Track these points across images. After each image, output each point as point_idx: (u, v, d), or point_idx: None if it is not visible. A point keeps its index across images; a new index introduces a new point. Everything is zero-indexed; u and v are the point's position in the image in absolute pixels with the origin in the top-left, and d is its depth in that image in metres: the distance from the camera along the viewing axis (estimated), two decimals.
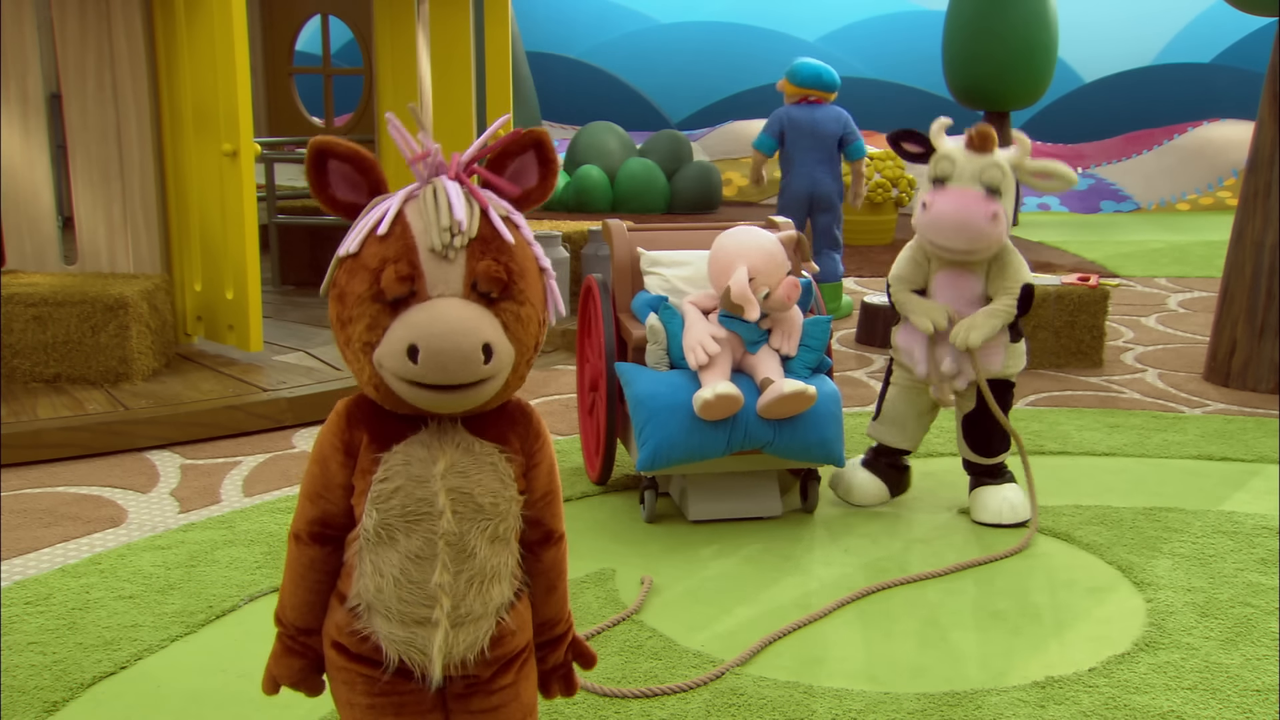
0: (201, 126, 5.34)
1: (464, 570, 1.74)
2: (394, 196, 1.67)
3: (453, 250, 1.62)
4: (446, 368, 1.58)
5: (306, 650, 1.87)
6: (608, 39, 14.87)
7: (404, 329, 1.59)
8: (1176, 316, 7.36)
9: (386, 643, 1.77)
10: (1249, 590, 3.30)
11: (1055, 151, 13.73)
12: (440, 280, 1.62)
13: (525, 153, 1.73)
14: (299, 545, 1.81)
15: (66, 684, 2.76)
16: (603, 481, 4.10)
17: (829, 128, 6.58)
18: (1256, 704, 2.69)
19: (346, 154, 1.68)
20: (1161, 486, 4.18)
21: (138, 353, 5.03)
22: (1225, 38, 13.68)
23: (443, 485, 1.71)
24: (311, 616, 1.84)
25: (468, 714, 1.88)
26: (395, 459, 1.72)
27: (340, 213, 1.71)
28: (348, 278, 1.66)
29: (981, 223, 3.56)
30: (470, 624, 1.78)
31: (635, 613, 3.15)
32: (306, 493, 1.80)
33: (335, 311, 1.69)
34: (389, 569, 1.73)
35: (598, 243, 6.56)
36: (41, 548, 3.61)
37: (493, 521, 1.75)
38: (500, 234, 1.66)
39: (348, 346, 1.68)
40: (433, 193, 1.65)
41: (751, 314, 3.51)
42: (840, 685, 2.78)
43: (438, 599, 1.74)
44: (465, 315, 1.59)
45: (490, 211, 1.67)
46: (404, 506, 1.71)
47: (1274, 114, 5.45)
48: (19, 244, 5.53)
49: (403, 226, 1.64)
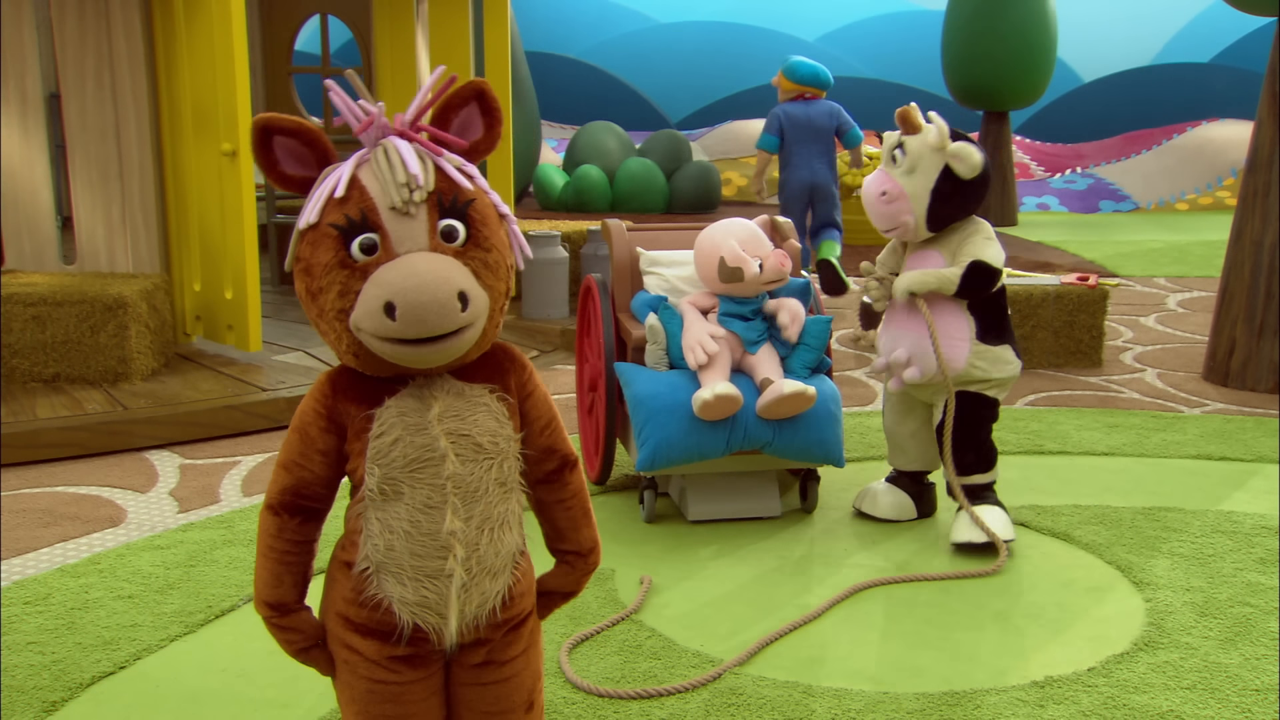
0: (200, 126, 5.34)
1: (474, 515, 1.74)
2: (345, 163, 1.68)
3: (413, 205, 1.63)
4: (425, 319, 1.58)
5: (292, 627, 1.82)
6: (607, 38, 14.88)
7: (377, 288, 1.59)
8: (1175, 316, 7.36)
9: (399, 607, 1.75)
10: (1248, 590, 3.30)
11: (1054, 151, 13.74)
12: (406, 237, 1.62)
13: (468, 105, 1.73)
14: (267, 515, 1.79)
15: (65, 684, 2.76)
16: (602, 481, 4.10)
17: (824, 122, 6.94)
18: (1255, 704, 2.69)
19: (292, 128, 1.68)
20: (1160, 486, 4.18)
21: (137, 352, 5.03)
22: (1224, 37, 13.69)
23: (441, 429, 1.71)
24: (280, 590, 1.79)
25: (478, 686, 1.87)
26: (389, 413, 1.71)
27: (293, 188, 1.71)
28: (311, 249, 1.66)
29: (872, 199, 3.59)
30: (485, 577, 1.77)
31: (634, 613, 3.15)
32: (281, 462, 1.79)
33: (304, 285, 1.69)
34: (398, 523, 1.72)
35: (597, 242, 6.57)
36: (40, 547, 3.60)
37: (495, 460, 1.75)
38: (458, 183, 1.67)
39: (321, 318, 1.67)
40: (384, 153, 1.65)
41: (750, 272, 3.53)
42: (839, 685, 2.78)
43: (451, 548, 1.73)
44: (436, 266, 1.60)
45: (443, 163, 1.67)
46: (406, 456, 1.71)
47: (1273, 113, 5.45)
48: (18, 244, 5.53)
49: (359, 190, 1.64)
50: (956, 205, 3.53)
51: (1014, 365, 3.60)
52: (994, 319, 3.58)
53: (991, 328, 3.57)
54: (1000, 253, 3.56)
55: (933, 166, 3.48)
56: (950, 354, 3.54)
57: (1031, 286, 5.92)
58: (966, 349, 3.54)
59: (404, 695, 1.82)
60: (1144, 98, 13.86)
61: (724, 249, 3.55)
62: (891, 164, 3.54)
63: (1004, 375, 3.58)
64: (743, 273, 3.54)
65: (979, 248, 3.53)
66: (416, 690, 1.83)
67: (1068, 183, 13.15)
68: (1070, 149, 13.75)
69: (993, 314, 3.58)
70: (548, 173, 11.72)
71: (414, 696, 1.83)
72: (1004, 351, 3.58)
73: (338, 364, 1.78)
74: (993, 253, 3.53)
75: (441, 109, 1.73)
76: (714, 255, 3.58)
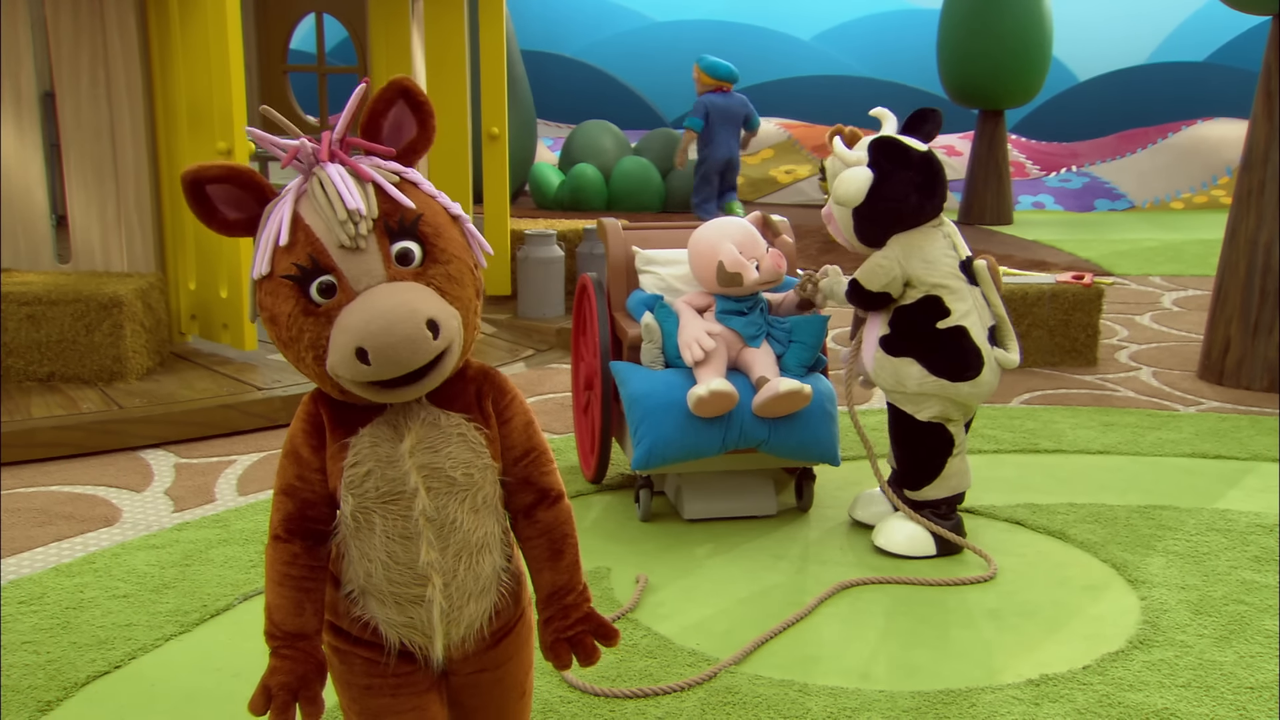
0: (195, 125, 5.33)
1: (449, 545, 1.72)
2: (284, 200, 1.62)
3: (361, 239, 1.58)
4: (398, 358, 1.54)
5: (305, 656, 1.73)
6: (603, 37, 14.87)
7: (344, 335, 1.55)
8: (1171, 315, 7.37)
9: (385, 627, 1.75)
10: (1243, 588, 3.30)
11: (1050, 149, 13.75)
12: (361, 273, 1.58)
13: (395, 105, 1.66)
14: (276, 545, 1.73)
15: (61, 683, 2.75)
16: (598, 480, 4.10)
17: (738, 110, 9.04)
18: (1250, 701, 2.69)
19: (221, 174, 1.63)
20: (1156, 484, 4.19)
21: (132, 351, 5.02)
22: (1219, 36, 13.70)
23: (412, 464, 1.68)
24: (302, 619, 1.72)
25: (475, 687, 1.89)
26: (362, 442, 1.69)
27: (238, 233, 1.67)
28: (271, 299, 1.62)
29: (824, 217, 3.69)
30: (469, 601, 1.76)
31: (630, 611, 3.15)
32: (279, 489, 1.75)
33: (273, 334, 1.65)
34: (375, 554, 1.71)
35: (592, 241, 6.57)
36: (35, 547, 3.60)
37: (469, 493, 1.72)
38: (401, 203, 1.61)
39: (300, 363, 1.64)
40: (319, 186, 1.60)
41: (749, 278, 3.54)
42: (835, 683, 2.78)
43: (428, 578, 1.72)
44: (398, 300, 1.55)
45: (382, 181, 1.62)
46: (378, 489, 1.69)
47: (1267, 112, 5.46)
48: (13, 243, 5.51)
49: (304, 231, 1.59)
50: (877, 224, 3.49)
51: (915, 380, 3.43)
52: (904, 329, 3.46)
53: (898, 338, 3.47)
54: (882, 275, 3.42)
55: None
56: (866, 359, 3.59)
57: (1027, 285, 5.93)
58: (873, 354, 3.55)
59: (404, 687, 1.83)
60: (1139, 96, 13.87)
61: (722, 253, 3.56)
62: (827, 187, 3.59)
63: (907, 389, 3.46)
64: (742, 278, 3.55)
65: (865, 267, 3.47)
66: (416, 682, 1.83)
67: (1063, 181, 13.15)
68: (1065, 148, 13.76)
69: (903, 324, 3.47)
70: (543, 171, 11.70)
71: (414, 688, 1.83)
72: (903, 364, 3.45)
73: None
74: (868, 274, 3.44)
75: (369, 115, 1.66)
76: (710, 258, 3.59)
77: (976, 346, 3.44)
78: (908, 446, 3.57)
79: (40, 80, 5.51)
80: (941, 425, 3.50)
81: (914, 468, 3.56)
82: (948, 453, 3.52)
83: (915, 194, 3.45)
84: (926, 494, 3.56)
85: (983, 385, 3.46)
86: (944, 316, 3.43)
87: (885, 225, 3.49)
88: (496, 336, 6.46)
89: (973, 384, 3.44)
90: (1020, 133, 14.00)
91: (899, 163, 3.45)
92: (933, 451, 3.52)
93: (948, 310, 3.43)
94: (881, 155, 3.46)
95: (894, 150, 3.46)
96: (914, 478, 3.57)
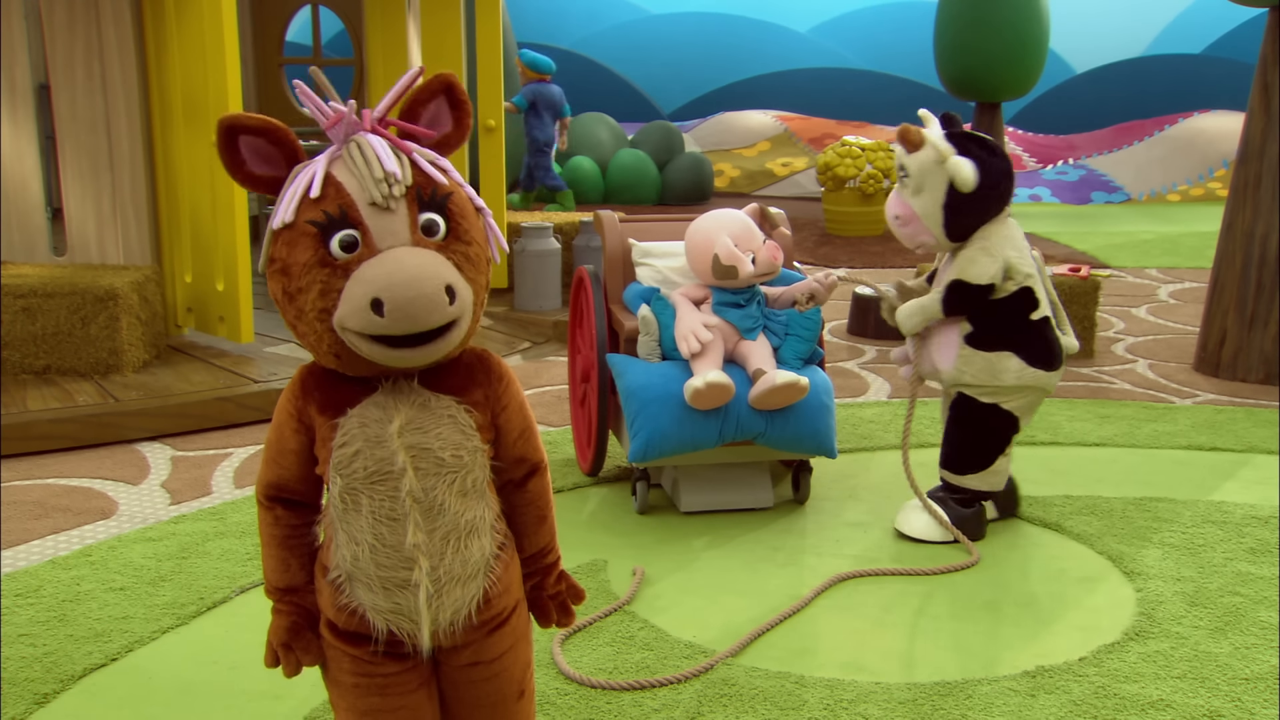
0: (191, 117, 5.32)
1: (437, 528, 1.72)
2: (317, 161, 1.65)
3: (393, 200, 1.60)
4: (414, 314, 1.56)
5: (294, 609, 1.83)
6: (599, 30, 14.84)
7: (362, 285, 1.56)
8: (1167, 307, 7.38)
9: (373, 614, 1.76)
10: (1238, 580, 3.31)
11: (1047, 142, 13.74)
12: (387, 232, 1.60)
13: (436, 98, 1.71)
14: (261, 508, 1.82)
15: (57, 676, 2.75)
16: (594, 473, 4.10)
17: (557, 98, 10.09)
18: (1245, 692, 2.70)
19: (258, 127, 1.65)
20: (1152, 477, 4.19)
21: (128, 344, 5.02)
22: (1216, 29, 13.70)
23: (400, 444, 1.69)
24: (289, 574, 1.82)
25: (468, 683, 1.87)
26: (351, 423, 1.70)
27: (260, 188, 1.69)
28: (288, 249, 1.62)
29: (890, 224, 3.58)
30: (456, 586, 1.76)
31: (627, 604, 3.15)
32: (265, 455, 1.80)
33: (280, 286, 1.65)
34: (362, 536, 1.72)
35: (589, 234, 6.56)
36: (32, 540, 3.60)
37: (458, 474, 1.73)
38: (434, 177, 1.65)
39: (300, 319, 1.64)
40: (358, 148, 1.62)
41: (745, 270, 3.53)
42: (832, 675, 2.79)
43: (415, 560, 1.72)
44: (422, 260, 1.58)
45: (418, 158, 1.65)
46: (366, 469, 1.69)
47: (1264, 105, 5.46)
48: (8, 235, 5.50)
49: (335, 187, 1.61)
50: (973, 214, 3.44)
51: (1014, 374, 3.47)
52: (991, 325, 3.48)
53: (990, 333, 3.48)
54: (989, 265, 3.41)
55: (938, 182, 3.40)
56: (939, 358, 3.56)
57: None
58: (954, 354, 3.52)
59: (391, 687, 1.82)
60: (1136, 89, 13.86)
61: (719, 246, 3.55)
62: (902, 185, 3.50)
63: (1003, 383, 3.48)
64: (738, 271, 3.55)
65: (963, 264, 3.44)
66: (405, 681, 1.83)
67: (1059, 174, 13.15)
68: (1062, 140, 13.75)
69: (997, 318, 3.48)
70: None
71: (402, 688, 1.83)
72: (999, 358, 3.47)
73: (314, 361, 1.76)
74: (977, 268, 3.42)
75: (410, 103, 1.70)
76: (707, 250, 3.58)
77: (1056, 335, 3.56)
78: (972, 430, 3.59)
79: (35, 72, 5.50)
80: (1016, 419, 3.56)
81: (970, 453, 3.61)
82: (1004, 447, 3.59)
83: (1005, 180, 3.47)
84: (968, 482, 3.61)
85: (1060, 373, 3.57)
86: (1035, 308, 3.50)
87: (980, 214, 3.45)
88: (493, 329, 6.46)
89: (1058, 373, 3.55)
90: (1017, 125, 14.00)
91: (989, 151, 3.46)
92: (995, 443, 3.58)
93: (1037, 301, 3.50)
94: (974, 144, 3.45)
95: (981, 140, 3.48)
96: (965, 463, 3.61)
